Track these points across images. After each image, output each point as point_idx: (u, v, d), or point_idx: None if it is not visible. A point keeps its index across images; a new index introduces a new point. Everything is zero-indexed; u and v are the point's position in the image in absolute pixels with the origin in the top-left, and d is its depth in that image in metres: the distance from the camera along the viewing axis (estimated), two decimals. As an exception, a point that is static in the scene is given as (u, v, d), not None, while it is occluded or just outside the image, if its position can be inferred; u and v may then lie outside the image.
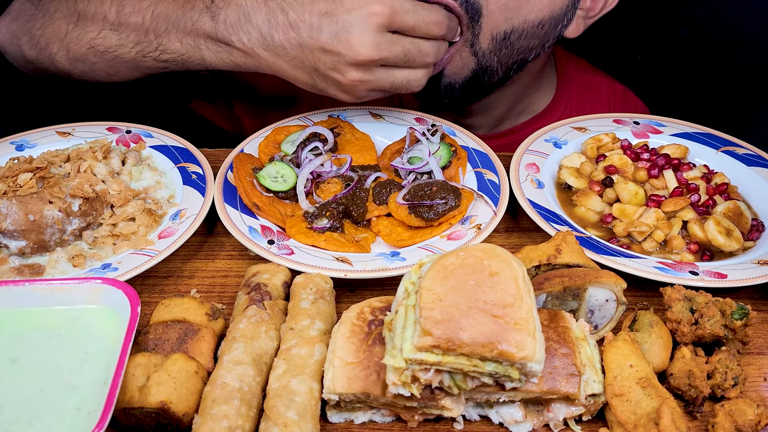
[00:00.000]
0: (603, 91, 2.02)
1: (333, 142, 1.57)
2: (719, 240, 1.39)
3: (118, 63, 1.55)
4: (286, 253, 1.32)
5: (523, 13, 1.55)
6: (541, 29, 1.60)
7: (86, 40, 1.55)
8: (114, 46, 1.52)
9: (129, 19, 1.49)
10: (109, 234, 1.36)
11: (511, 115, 1.89)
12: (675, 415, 1.01)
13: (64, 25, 1.58)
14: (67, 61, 1.60)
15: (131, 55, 1.52)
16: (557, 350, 1.06)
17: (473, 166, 1.55)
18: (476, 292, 1.00)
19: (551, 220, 1.39)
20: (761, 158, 1.62)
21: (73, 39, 1.56)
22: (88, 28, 1.54)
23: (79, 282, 1.15)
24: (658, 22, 2.24)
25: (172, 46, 1.46)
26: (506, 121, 1.90)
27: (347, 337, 1.08)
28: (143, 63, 1.52)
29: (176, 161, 1.54)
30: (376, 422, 1.10)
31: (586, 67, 2.05)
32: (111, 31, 1.52)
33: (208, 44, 1.43)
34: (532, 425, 1.09)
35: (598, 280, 1.15)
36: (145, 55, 1.50)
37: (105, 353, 1.08)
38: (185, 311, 1.17)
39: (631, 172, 1.52)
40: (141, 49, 1.50)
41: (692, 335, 1.16)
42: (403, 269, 1.28)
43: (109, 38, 1.52)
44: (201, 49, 1.44)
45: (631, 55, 2.31)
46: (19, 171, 1.36)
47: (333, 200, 1.44)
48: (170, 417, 1.03)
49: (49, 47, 1.61)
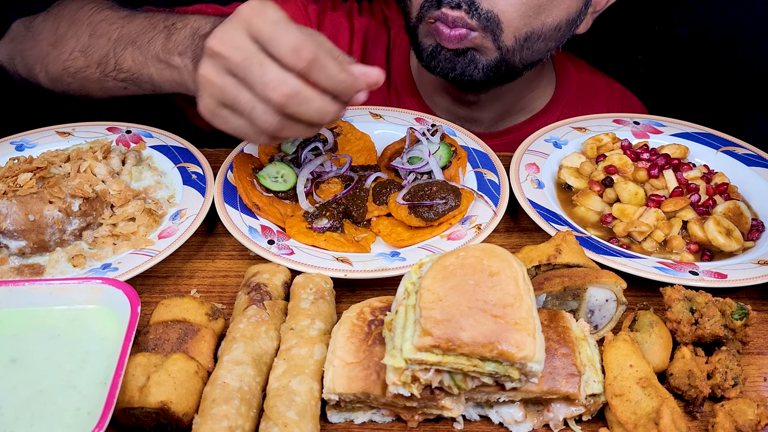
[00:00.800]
0: (601, 90, 2.02)
1: (333, 142, 1.57)
2: (719, 240, 1.39)
3: (87, 84, 1.60)
4: (286, 253, 1.32)
5: (541, 18, 1.59)
6: (558, 32, 1.64)
7: (60, 62, 1.61)
8: (82, 67, 1.57)
9: (97, 41, 1.54)
10: (109, 234, 1.36)
11: (512, 112, 1.90)
12: (675, 415, 1.01)
13: (45, 47, 1.64)
14: (48, 81, 1.66)
15: (96, 76, 1.56)
16: (557, 350, 1.06)
17: (473, 166, 1.55)
18: (476, 292, 1.00)
19: (551, 220, 1.39)
20: (761, 158, 1.62)
21: (51, 60, 1.63)
22: (63, 50, 1.60)
23: (79, 282, 1.15)
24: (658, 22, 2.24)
25: (126, 64, 1.49)
26: (506, 119, 1.90)
27: (347, 337, 1.08)
28: (106, 83, 1.56)
29: (176, 161, 1.54)
30: (376, 422, 1.10)
31: (585, 67, 2.06)
32: (80, 53, 1.57)
33: (154, 63, 1.43)
34: (532, 425, 1.09)
35: (598, 280, 1.15)
36: (106, 75, 1.54)
37: (105, 353, 1.08)
38: (185, 311, 1.17)
39: (631, 172, 1.52)
40: (102, 69, 1.54)
41: (692, 335, 1.16)
42: (403, 269, 1.28)
43: (78, 60, 1.58)
44: (149, 66, 1.45)
45: (631, 55, 2.32)
46: (19, 171, 1.36)
47: (333, 200, 1.44)
48: (170, 417, 1.03)
49: (34, 68, 1.67)
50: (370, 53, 1.91)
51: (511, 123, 1.91)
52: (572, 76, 1.99)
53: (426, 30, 1.63)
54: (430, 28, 1.61)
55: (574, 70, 2.01)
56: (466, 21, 1.55)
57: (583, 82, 2.01)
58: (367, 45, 1.91)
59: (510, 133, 1.90)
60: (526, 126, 1.89)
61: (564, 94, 1.95)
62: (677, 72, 2.26)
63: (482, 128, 1.89)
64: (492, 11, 1.54)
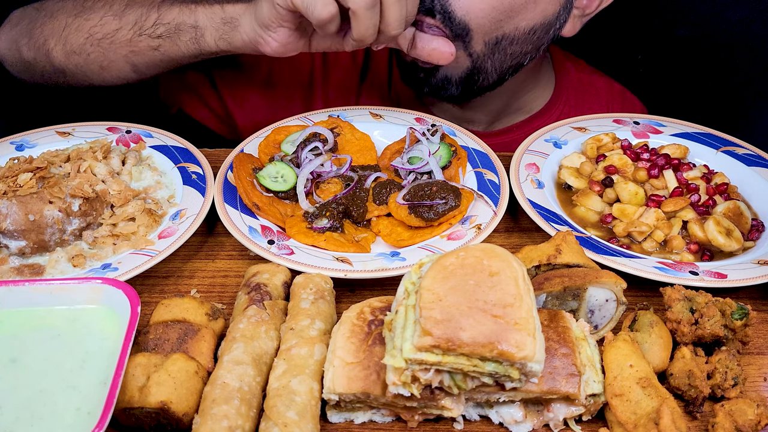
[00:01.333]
0: (601, 90, 2.03)
1: (333, 142, 1.57)
2: (719, 240, 1.39)
3: (113, 50, 1.62)
4: (286, 253, 1.32)
5: (513, 22, 1.57)
6: (533, 35, 1.62)
7: (86, 29, 1.62)
8: (112, 31, 1.60)
9: (132, 6, 1.60)
10: (109, 234, 1.36)
11: (508, 112, 1.90)
12: (675, 415, 1.01)
13: (65, 18, 1.65)
14: (63, 54, 1.66)
15: (128, 37, 1.59)
16: (557, 350, 1.06)
17: (473, 166, 1.55)
18: (476, 292, 1.00)
19: (551, 220, 1.39)
20: (761, 158, 1.62)
21: (72, 30, 1.64)
22: (90, 16, 1.62)
23: (79, 282, 1.15)
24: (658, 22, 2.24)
25: (169, 15, 1.56)
26: (504, 118, 1.90)
27: (347, 337, 1.08)
28: (138, 45, 1.59)
29: (176, 161, 1.54)
30: (376, 422, 1.10)
31: (584, 67, 2.06)
32: (112, 17, 1.60)
33: (204, 10, 1.53)
34: (532, 425, 1.09)
35: (598, 280, 1.15)
36: (141, 33, 1.58)
37: (105, 353, 1.08)
38: (185, 311, 1.17)
39: (631, 172, 1.52)
40: (138, 28, 1.58)
41: (692, 335, 1.16)
42: (403, 269, 1.28)
43: (109, 24, 1.60)
44: (197, 12, 1.53)
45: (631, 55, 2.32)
46: (19, 171, 1.36)
47: (333, 200, 1.44)
48: (170, 417, 1.03)
49: (47, 43, 1.67)
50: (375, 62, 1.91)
51: (509, 123, 1.91)
52: (572, 76, 1.99)
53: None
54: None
55: (573, 70, 2.01)
56: (441, 29, 1.55)
57: (583, 82, 2.01)
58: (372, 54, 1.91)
59: (509, 133, 1.90)
60: (525, 126, 1.89)
61: (563, 94, 1.95)
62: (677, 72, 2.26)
63: (480, 128, 1.89)
64: (464, 19, 1.54)
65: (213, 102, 1.93)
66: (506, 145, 1.72)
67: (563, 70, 1.98)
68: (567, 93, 1.96)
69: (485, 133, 1.87)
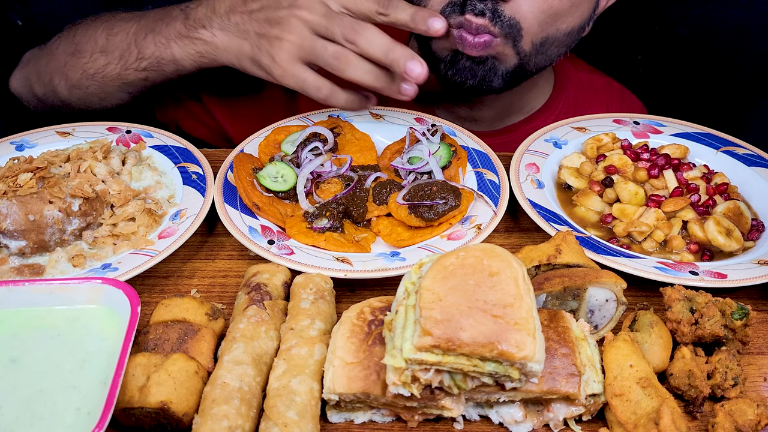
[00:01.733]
0: (600, 89, 2.03)
1: (333, 142, 1.57)
2: (719, 240, 1.39)
3: (107, 83, 1.72)
4: (286, 253, 1.32)
5: (557, 24, 1.61)
6: (569, 37, 1.67)
7: (80, 66, 1.72)
8: (102, 66, 1.70)
9: (115, 38, 1.69)
10: (109, 234, 1.36)
11: (510, 112, 1.90)
12: (675, 415, 1.01)
13: (64, 57, 1.76)
14: (66, 89, 1.77)
15: (116, 71, 1.68)
16: (557, 350, 1.06)
17: (473, 166, 1.55)
18: (476, 292, 1.00)
19: (551, 220, 1.39)
20: (761, 158, 1.62)
21: (70, 67, 1.74)
22: (82, 54, 1.72)
23: (79, 282, 1.15)
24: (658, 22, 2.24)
25: (148, 50, 1.63)
26: (505, 117, 1.90)
27: (347, 337, 1.08)
28: (127, 77, 1.69)
29: (176, 161, 1.54)
30: (376, 422, 1.10)
31: (583, 66, 2.07)
32: (100, 54, 1.70)
33: (177, 41, 1.59)
34: (532, 425, 1.09)
35: (598, 280, 1.15)
36: (127, 68, 1.67)
37: (105, 353, 1.08)
38: (185, 311, 1.17)
39: (631, 172, 1.52)
40: (124, 63, 1.67)
41: (692, 335, 1.16)
42: (403, 269, 1.28)
43: (98, 60, 1.70)
44: (171, 46, 1.60)
45: (631, 55, 2.32)
46: (19, 171, 1.36)
47: (333, 200, 1.44)
48: (170, 417, 1.03)
49: (53, 80, 1.79)
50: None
51: (510, 122, 1.91)
52: (571, 75, 1.99)
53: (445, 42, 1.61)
54: (450, 35, 1.59)
55: (572, 69, 2.01)
56: (490, 28, 1.55)
57: (582, 81, 2.01)
58: None
59: (509, 132, 1.90)
60: (525, 125, 1.89)
61: (563, 94, 1.96)
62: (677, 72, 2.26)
63: (482, 127, 1.88)
64: (514, 18, 1.55)
65: (206, 118, 1.95)
66: (506, 145, 1.72)
67: (562, 69, 1.98)
68: (566, 92, 1.96)
69: (487, 132, 1.87)
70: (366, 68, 1.44)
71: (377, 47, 1.42)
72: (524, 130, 1.79)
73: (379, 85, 1.47)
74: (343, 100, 1.50)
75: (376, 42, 1.41)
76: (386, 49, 1.41)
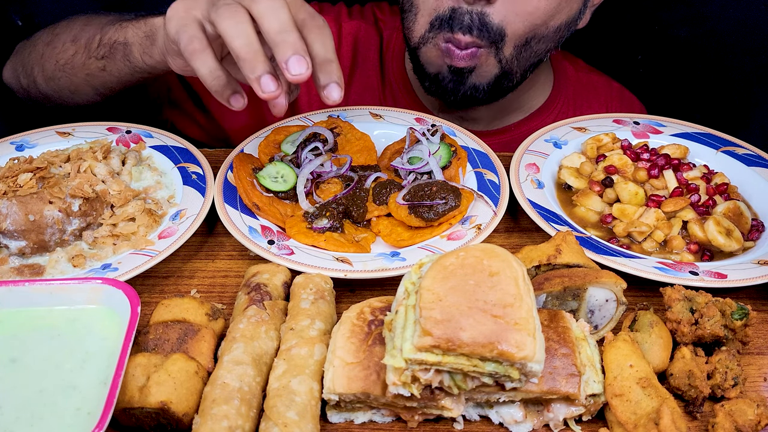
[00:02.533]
0: (600, 88, 2.03)
1: (333, 142, 1.57)
2: (719, 240, 1.39)
3: (75, 74, 1.67)
4: (286, 253, 1.32)
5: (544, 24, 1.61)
6: (558, 33, 1.66)
7: (53, 56, 1.70)
8: (70, 56, 1.66)
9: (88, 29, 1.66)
10: (109, 234, 1.36)
11: (509, 110, 1.90)
12: (675, 415, 1.01)
13: (41, 47, 1.75)
14: (43, 81, 1.75)
15: (81, 61, 1.64)
16: (557, 350, 1.06)
17: (473, 166, 1.55)
18: (476, 292, 1.00)
19: (551, 220, 1.39)
20: (761, 158, 1.62)
21: (46, 58, 1.72)
22: (56, 44, 1.70)
23: (79, 282, 1.15)
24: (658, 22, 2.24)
25: (107, 36, 1.57)
26: (504, 117, 1.91)
27: (347, 337, 1.08)
28: (89, 68, 1.63)
29: (176, 161, 1.54)
30: (376, 422, 1.10)
31: (582, 65, 2.07)
32: (71, 43, 1.67)
33: (133, 25, 1.52)
34: (532, 425, 1.09)
35: (598, 280, 1.15)
36: (90, 56, 1.62)
37: (105, 353, 1.08)
38: (185, 311, 1.17)
39: (631, 172, 1.52)
40: (87, 51, 1.62)
41: (692, 335, 1.16)
42: (403, 269, 1.28)
43: (68, 49, 1.67)
44: (127, 30, 1.52)
45: (631, 55, 2.32)
46: (19, 171, 1.36)
47: (333, 200, 1.44)
48: (170, 417, 1.03)
49: (33, 71, 1.77)
50: (362, 56, 1.91)
51: (508, 122, 1.92)
52: (570, 74, 2.00)
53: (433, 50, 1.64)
54: (438, 48, 1.62)
55: (571, 69, 2.01)
56: (477, 42, 1.57)
57: (582, 81, 2.01)
58: (357, 48, 1.92)
59: (507, 132, 1.90)
60: (524, 125, 1.89)
61: (562, 93, 1.96)
62: (677, 72, 2.26)
63: (479, 127, 1.89)
64: (501, 25, 1.56)
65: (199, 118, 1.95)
66: (505, 144, 1.72)
67: (561, 69, 1.98)
68: (566, 91, 1.97)
69: (486, 131, 1.87)
70: (239, 33, 1.15)
71: (274, 19, 1.15)
72: (523, 130, 1.79)
73: (213, 81, 1.22)
74: (207, 67, 1.20)
75: (276, 15, 1.15)
76: (283, 27, 1.15)
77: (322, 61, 1.18)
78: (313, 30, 1.19)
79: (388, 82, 1.91)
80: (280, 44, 1.15)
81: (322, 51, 1.18)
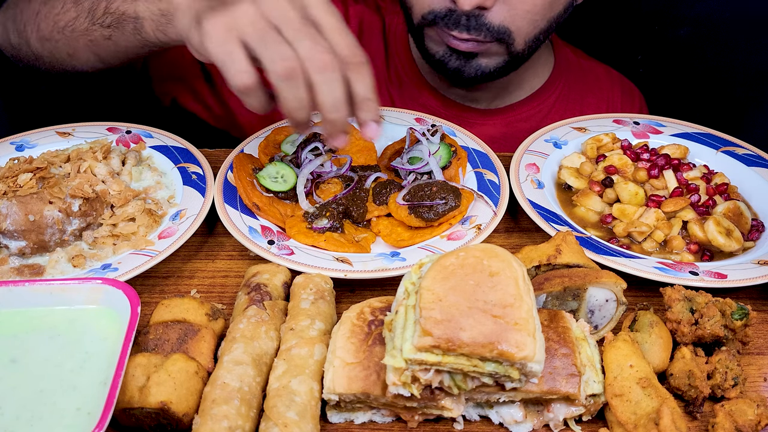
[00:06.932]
0: (601, 76, 2.06)
1: (333, 143, 1.57)
2: (719, 240, 1.39)
3: (75, 38, 1.59)
4: (286, 253, 1.32)
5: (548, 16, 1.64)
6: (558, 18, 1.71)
7: (52, 16, 1.61)
8: (72, 19, 1.58)
9: None
10: (109, 234, 1.36)
11: (510, 90, 1.92)
12: (675, 415, 1.01)
13: (38, 5, 1.65)
14: (38, 40, 1.66)
15: (84, 26, 1.56)
16: (557, 350, 1.06)
17: (473, 166, 1.55)
18: (476, 292, 1.00)
19: (551, 220, 1.39)
20: (761, 158, 1.62)
21: (42, 17, 1.63)
22: (54, 5, 1.61)
23: (79, 282, 1.15)
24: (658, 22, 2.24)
25: (114, 4, 1.50)
26: (506, 96, 1.92)
27: (347, 337, 1.08)
28: (93, 35, 1.56)
29: (176, 161, 1.54)
30: (376, 422, 1.10)
31: (583, 54, 2.09)
32: (72, 4, 1.58)
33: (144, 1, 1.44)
34: (532, 425, 1.09)
35: (598, 280, 1.15)
36: (94, 22, 1.54)
37: (105, 353, 1.08)
38: (185, 311, 1.17)
39: (631, 173, 1.52)
40: (91, 17, 1.54)
41: (692, 335, 1.16)
42: (403, 269, 1.28)
43: (69, 12, 1.58)
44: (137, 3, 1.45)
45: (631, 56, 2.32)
46: (19, 171, 1.36)
47: (333, 200, 1.44)
48: (170, 417, 1.03)
49: (26, 29, 1.67)
50: (366, 40, 1.92)
51: (510, 101, 1.93)
52: (571, 59, 2.03)
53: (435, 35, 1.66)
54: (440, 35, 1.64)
55: (572, 54, 2.04)
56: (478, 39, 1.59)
57: (583, 67, 2.04)
58: (362, 32, 1.92)
59: (510, 111, 1.92)
60: (526, 104, 1.91)
61: (563, 74, 1.98)
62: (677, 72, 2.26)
63: (481, 106, 1.91)
64: (503, 24, 1.58)
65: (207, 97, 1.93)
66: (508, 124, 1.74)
67: (561, 53, 2.01)
68: (567, 74, 1.99)
69: (487, 110, 1.89)
70: (296, 103, 1.18)
71: (329, 94, 1.17)
72: (526, 109, 1.81)
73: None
74: (259, 102, 1.22)
75: (331, 88, 1.17)
76: (336, 105, 1.18)
77: (362, 100, 1.21)
78: (354, 69, 1.19)
79: (394, 66, 1.92)
80: (330, 123, 1.21)
81: (362, 91, 1.20)
